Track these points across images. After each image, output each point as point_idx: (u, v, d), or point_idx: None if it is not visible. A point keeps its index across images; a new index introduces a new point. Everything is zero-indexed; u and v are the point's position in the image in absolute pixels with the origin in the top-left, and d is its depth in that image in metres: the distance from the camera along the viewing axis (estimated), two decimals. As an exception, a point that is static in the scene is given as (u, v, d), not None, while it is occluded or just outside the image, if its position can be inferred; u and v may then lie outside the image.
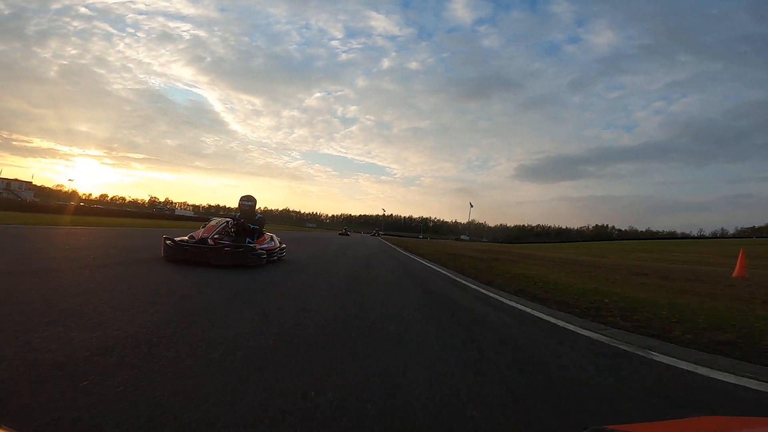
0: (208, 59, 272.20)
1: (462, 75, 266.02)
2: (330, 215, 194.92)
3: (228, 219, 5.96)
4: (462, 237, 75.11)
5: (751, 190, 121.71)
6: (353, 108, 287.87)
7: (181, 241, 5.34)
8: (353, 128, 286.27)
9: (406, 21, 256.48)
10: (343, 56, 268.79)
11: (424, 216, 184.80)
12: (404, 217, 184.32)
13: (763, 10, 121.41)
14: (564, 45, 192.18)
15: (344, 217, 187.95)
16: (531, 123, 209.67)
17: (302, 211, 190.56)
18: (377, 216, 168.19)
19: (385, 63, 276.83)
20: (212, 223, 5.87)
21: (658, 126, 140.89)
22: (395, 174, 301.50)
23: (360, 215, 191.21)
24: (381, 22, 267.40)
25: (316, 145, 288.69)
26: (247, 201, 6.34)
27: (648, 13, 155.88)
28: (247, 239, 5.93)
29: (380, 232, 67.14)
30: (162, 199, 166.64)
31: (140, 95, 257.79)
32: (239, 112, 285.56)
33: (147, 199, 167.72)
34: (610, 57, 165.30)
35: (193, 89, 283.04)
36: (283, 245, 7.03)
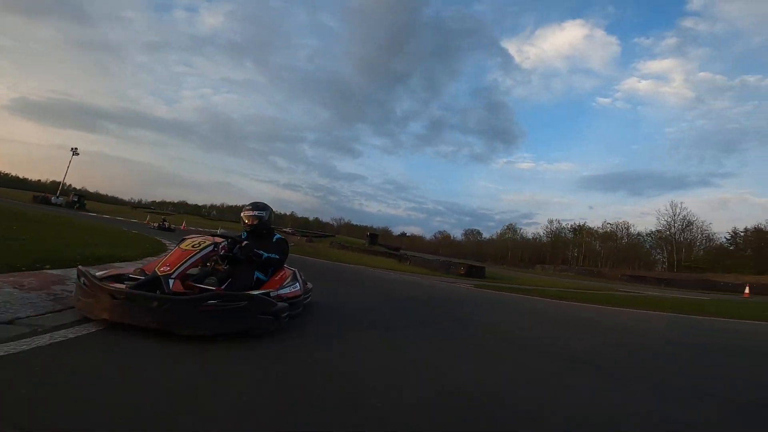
0: None
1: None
2: None
3: (217, 239, 3.25)
4: None
5: (232, 181, 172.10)
6: None
7: (110, 278, 2.79)
8: None
9: None
10: None
11: None
12: None
13: (318, 57, 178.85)
14: (178, 9, 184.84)
15: None
16: (79, 62, 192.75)
17: None
18: None
19: None
20: (185, 245, 3.08)
21: (194, 109, 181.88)
22: None
23: None
24: None
25: None
26: (256, 210, 3.78)
27: (246, 15, 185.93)
28: (257, 275, 3.47)
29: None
30: None
31: None
32: None
33: None
34: (208, 37, 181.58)
35: None
36: (309, 284, 4.31)
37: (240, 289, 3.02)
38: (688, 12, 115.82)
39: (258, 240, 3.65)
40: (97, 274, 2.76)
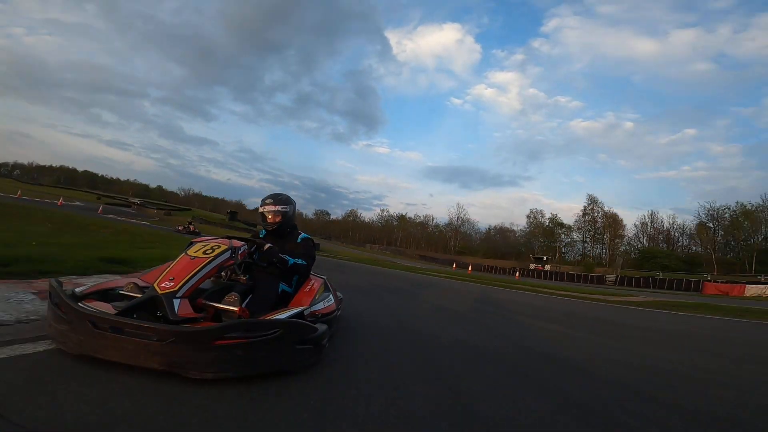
0: None
1: None
2: None
3: (234, 242, 2.48)
4: None
5: (32, 132, 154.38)
6: None
7: (94, 295, 2.06)
8: None
9: None
10: None
11: None
12: None
13: (187, 11, 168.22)
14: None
15: None
16: None
17: None
18: None
19: None
20: (194, 250, 2.24)
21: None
22: None
23: None
24: None
25: None
26: (279, 204, 2.99)
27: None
28: (282, 286, 2.75)
29: None
30: None
31: None
32: None
33: None
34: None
35: None
36: (339, 294, 3.58)
37: (264, 306, 2.35)
38: (541, 33, 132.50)
39: (280, 240, 2.97)
40: (77, 290, 2.05)
